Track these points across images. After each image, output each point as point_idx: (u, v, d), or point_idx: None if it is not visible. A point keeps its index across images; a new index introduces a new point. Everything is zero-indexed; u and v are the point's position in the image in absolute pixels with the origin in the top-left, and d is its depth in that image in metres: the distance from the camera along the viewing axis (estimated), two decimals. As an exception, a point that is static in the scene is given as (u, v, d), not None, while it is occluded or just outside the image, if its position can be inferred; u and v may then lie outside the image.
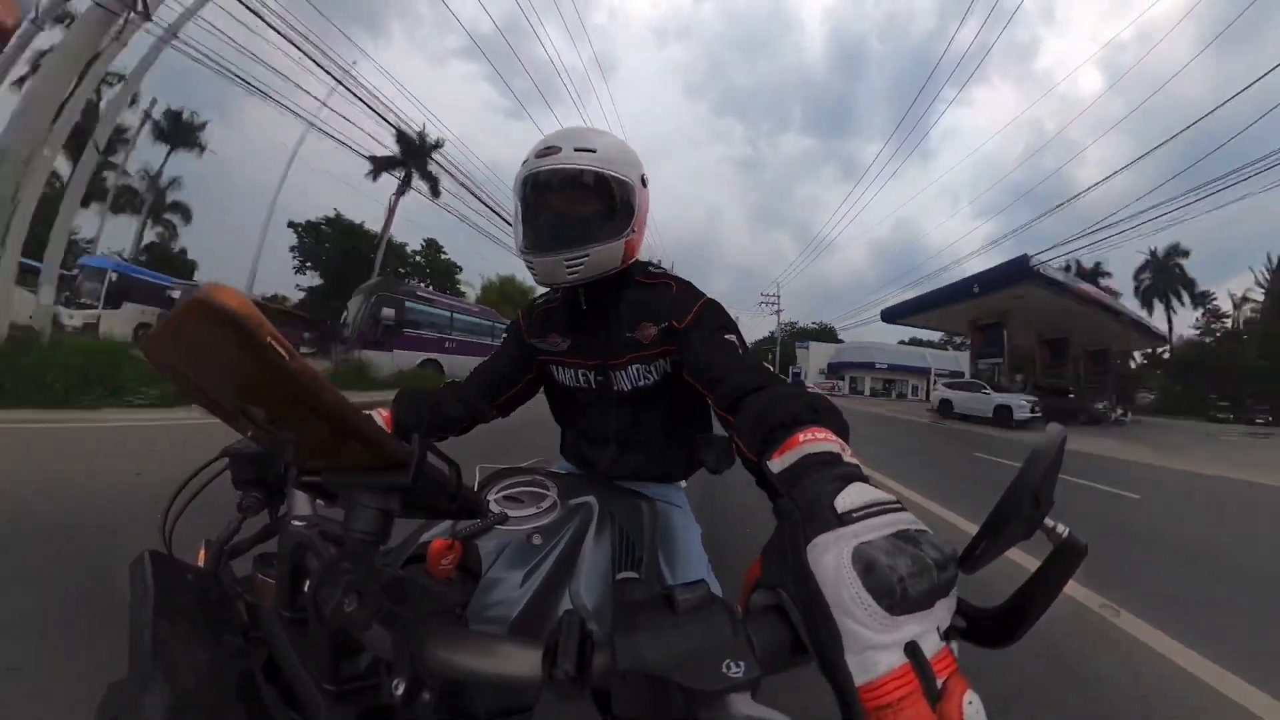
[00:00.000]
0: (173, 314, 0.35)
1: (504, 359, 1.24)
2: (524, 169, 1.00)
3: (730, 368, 0.84)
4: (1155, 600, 2.95)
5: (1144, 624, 2.65)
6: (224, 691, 0.43)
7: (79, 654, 1.74)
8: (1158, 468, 9.65)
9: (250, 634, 0.54)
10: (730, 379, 0.81)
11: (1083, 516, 5.00)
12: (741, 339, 0.92)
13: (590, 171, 0.96)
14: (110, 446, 4.86)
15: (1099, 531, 4.46)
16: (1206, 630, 2.60)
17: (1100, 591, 2.92)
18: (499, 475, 0.92)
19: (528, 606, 0.64)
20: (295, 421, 0.44)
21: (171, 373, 0.41)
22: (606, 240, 0.98)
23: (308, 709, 0.47)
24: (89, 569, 2.28)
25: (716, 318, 0.98)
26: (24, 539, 2.62)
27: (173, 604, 0.47)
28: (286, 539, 0.51)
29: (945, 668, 0.33)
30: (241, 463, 0.71)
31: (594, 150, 0.97)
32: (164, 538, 0.62)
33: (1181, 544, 4.47)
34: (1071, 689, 2.08)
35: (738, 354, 0.86)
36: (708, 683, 0.35)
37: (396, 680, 0.43)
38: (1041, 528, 0.41)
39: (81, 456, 4.43)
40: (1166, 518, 5.56)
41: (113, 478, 3.75)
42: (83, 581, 2.17)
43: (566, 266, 0.97)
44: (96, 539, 2.61)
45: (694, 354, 0.93)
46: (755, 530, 3.09)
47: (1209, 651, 2.40)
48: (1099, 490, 6.67)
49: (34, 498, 3.15)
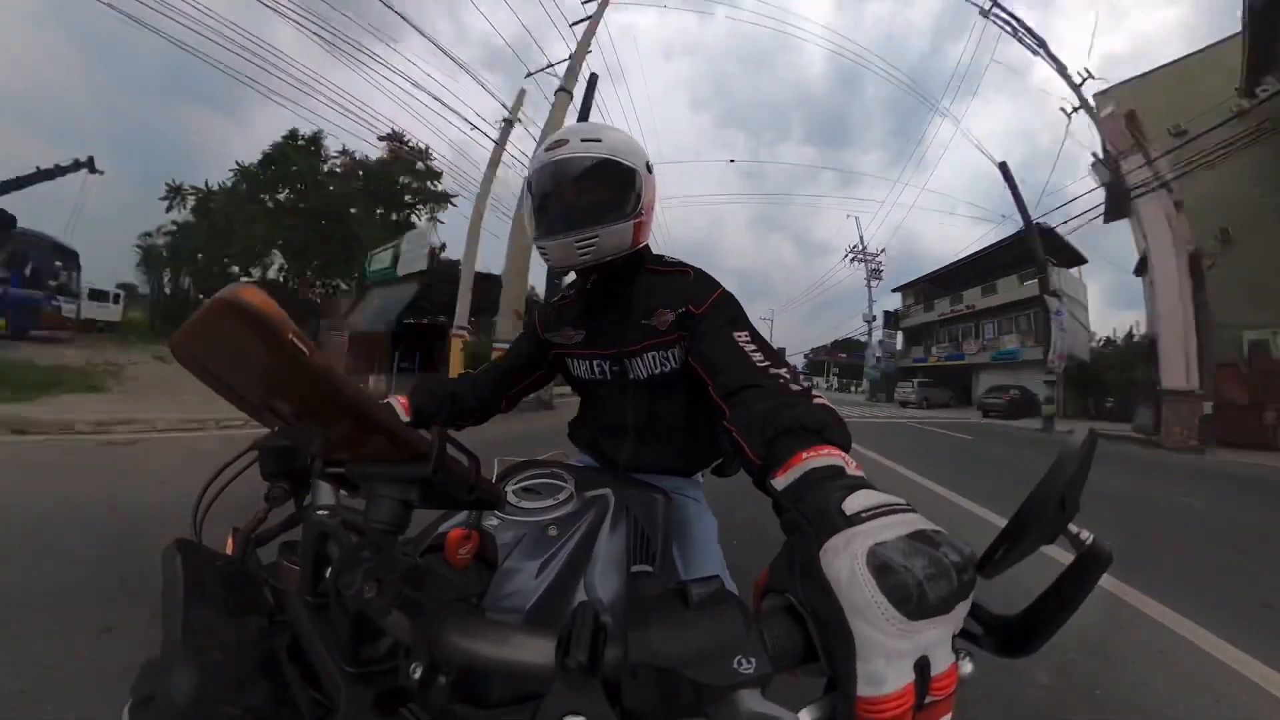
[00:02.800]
0: (199, 312, 0.36)
1: (517, 354, 1.25)
2: (534, 162, 1.04)
3: (733, 359, 0.85)
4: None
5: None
6: (249, 670, 0.45)
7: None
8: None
9: (275, 618, 0.55)
10: (731, 370, 0.82)
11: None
12: (755, 334, 0.91)
13: (596, 159, 0.99)
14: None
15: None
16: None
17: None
18: (517, 468, 0.93)
19: (543, 597, 0.65)
20: (319, 416, 0.45)
21: (197, 368, 0.42)
22: (614, 222, 1.01)
23: (328, 689, 0.49)
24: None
25: (730, 310, 0.98)
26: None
27: (202, 589, 0.48)
28: (310, 528, 0.52)
29: (944, 687, 0.33)
30: (269, 456, 0.73)
31: (599, 140, 1.01)
32: (194, 527, 0.64)
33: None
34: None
35: (745, 348, 0.86)
36: (718, 678, 0.35)
37: (414, 664, 0.44)
38: (1065, 533, 0.40)
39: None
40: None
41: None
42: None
43: (578, 247, 0.99)
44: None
45: (701, 342, 0.94)
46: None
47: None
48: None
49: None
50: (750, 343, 0.87)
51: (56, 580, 2.21)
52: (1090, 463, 0.39)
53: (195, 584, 0.49)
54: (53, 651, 1.75)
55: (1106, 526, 1.70)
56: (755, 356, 0.84)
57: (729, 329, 0.91)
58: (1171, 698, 1.94)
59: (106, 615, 1.93)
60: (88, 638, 1.82)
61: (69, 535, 2.71)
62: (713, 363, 0.88)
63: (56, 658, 1.72)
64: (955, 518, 4.53)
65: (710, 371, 0.87)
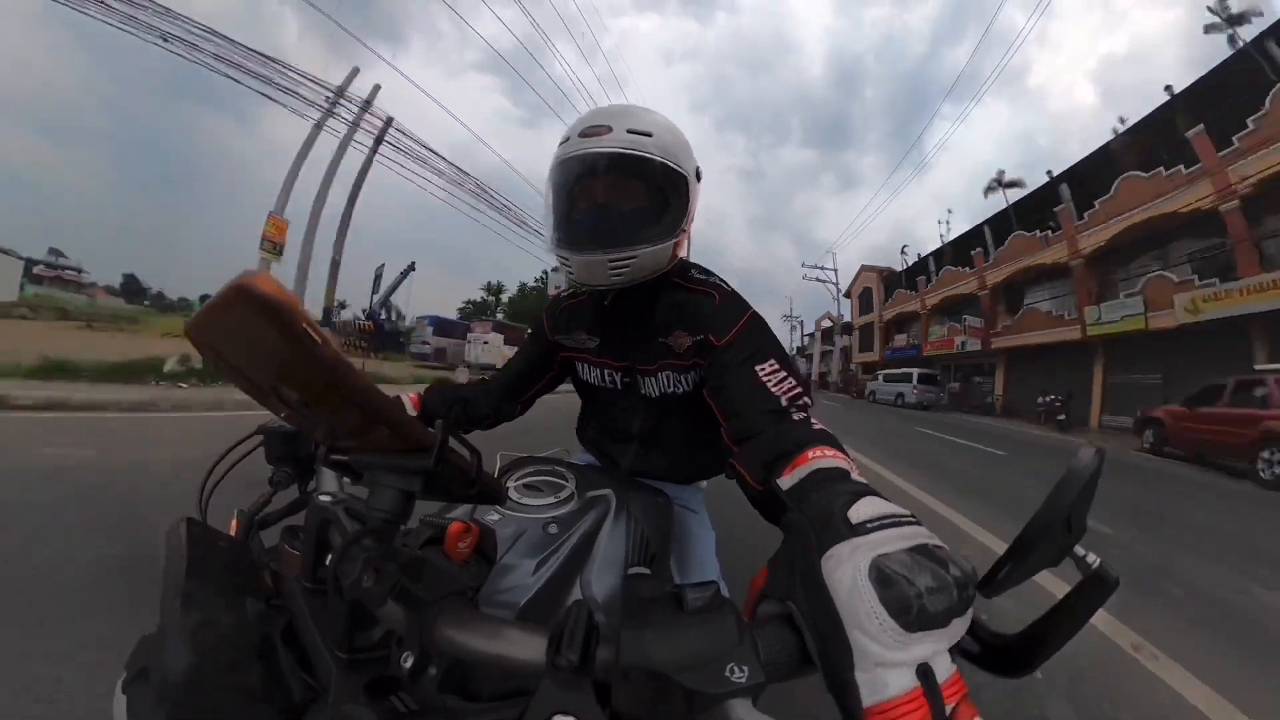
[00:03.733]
0: (214, 298, 0.36)
1: (525, 358, 1.21)
2: (565, 149, 0.85)
3: (749, 400, 0.77)
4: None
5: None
6: (244, 651, 0.45)
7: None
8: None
9: (273, 601, 0.56)
10: (746, 414, 0.76)
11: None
12: (780, 358, 0.82)
13: (646, 159, 0.82)
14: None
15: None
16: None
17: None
18: (519, 463, 0.93)
19: (538, 594, 0.65)
20: (326, 404, 0.45)
21: (212, 354, 0.43)
22: (658, 240, 0.86)
23: (320, 673, 0.49)
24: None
25: (755, 341, 0.86)
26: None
27: (203, 568, 0.49)
28: (313, 513, 0.53)
29: (955, 693, 0.32)
30: (275, 440, 0.74)
31: (650, 135, 0.82)
32: (199, 506, 0.65)
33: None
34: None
35: (766, 384, 0.78)
36: (710, 685, 0.34)
37: (405, 654, 0.45)
38: (1071, 555, 0.39)
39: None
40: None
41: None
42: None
43: (610, 268, 0.85)
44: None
45: (720, 379, 0.85)
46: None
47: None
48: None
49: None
50: (772, 375, 0.78)
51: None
52: (1097, 481, 0.38)
53: (197, 563, 0.49)
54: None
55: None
56: (774, 391, 0.76)
57: (750, 364, 0.81)
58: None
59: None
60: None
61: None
62: (730, 403, 0.80)
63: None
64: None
65: (726, 413, 0.81)
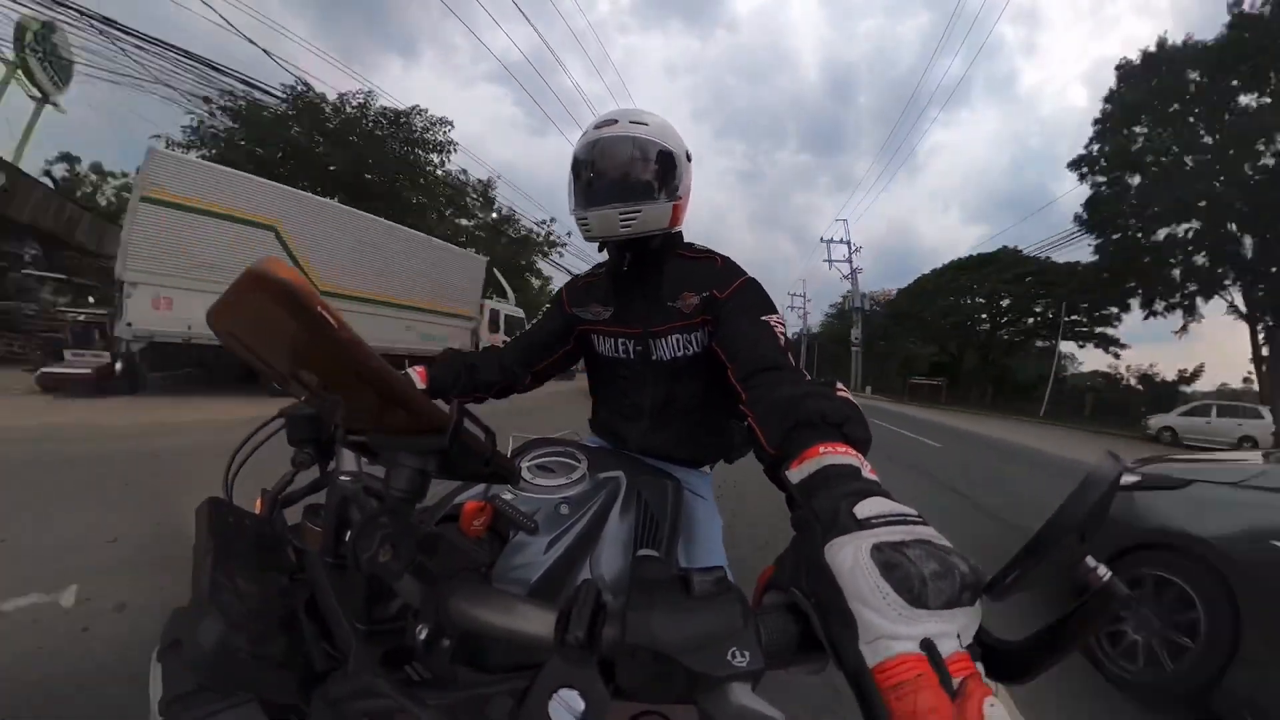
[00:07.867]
0: (232, 286, 0.37)
1: (543, 329, 1.25)
2: (584, 139, 1.07)
3: (753, 341, 0.86)
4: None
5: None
6: (269, 623, 0.47)
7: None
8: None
9: (296, 575, 0.59)
10: (752, 351, 0.83)
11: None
12: (780, 322, 0.92)
13: (645, 140, 1.03)
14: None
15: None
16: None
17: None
18: (532, 444, 0.94)
19: (549, 572, 0.66)
20: (344, 386, 0.47)
21: (232, 340, 0.44)
22: (658, 200, 1.04)
23: (340, 644, 0.51)
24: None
25: (756, 296, 1.00)
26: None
27: (230, 545, 0.51)
28: (333, 493, 0.54)
29: (963, 669, 0.31)
30: (296, 423, 0.76)
31: (647, 124, 1.05)
32: (226, 487, 0.68)
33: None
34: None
35: (768, 334, 0.88)
36: (712, 667, 0.35)
37: (421, 626, 0.46)
38: (1081, 568, 0.37)
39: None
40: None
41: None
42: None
43: (620, 219, 1.02)
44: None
45: (725, 324, 0.96)
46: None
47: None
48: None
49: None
50: (775, 325, 0.89)
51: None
52: (1114, 493, 0.37)
53: (225, 540, 0.51)
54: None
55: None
56: (779, 340, 0.85)
57: (753, 312, 0.93)
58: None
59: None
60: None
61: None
62: (734, 344, 0.90)
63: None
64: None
65: (730, 353, 0.89)
